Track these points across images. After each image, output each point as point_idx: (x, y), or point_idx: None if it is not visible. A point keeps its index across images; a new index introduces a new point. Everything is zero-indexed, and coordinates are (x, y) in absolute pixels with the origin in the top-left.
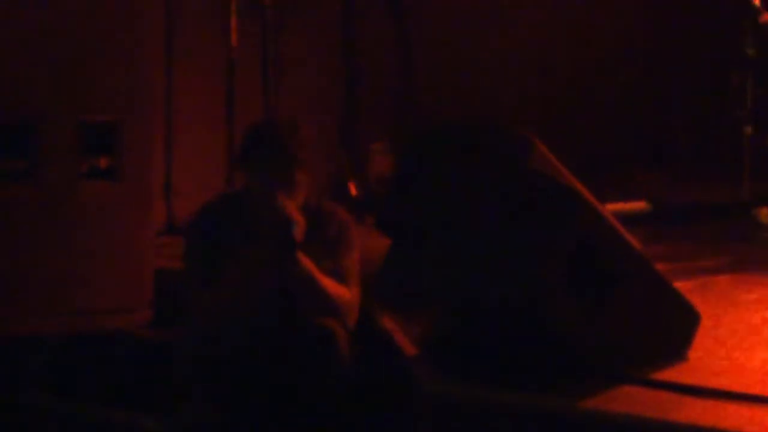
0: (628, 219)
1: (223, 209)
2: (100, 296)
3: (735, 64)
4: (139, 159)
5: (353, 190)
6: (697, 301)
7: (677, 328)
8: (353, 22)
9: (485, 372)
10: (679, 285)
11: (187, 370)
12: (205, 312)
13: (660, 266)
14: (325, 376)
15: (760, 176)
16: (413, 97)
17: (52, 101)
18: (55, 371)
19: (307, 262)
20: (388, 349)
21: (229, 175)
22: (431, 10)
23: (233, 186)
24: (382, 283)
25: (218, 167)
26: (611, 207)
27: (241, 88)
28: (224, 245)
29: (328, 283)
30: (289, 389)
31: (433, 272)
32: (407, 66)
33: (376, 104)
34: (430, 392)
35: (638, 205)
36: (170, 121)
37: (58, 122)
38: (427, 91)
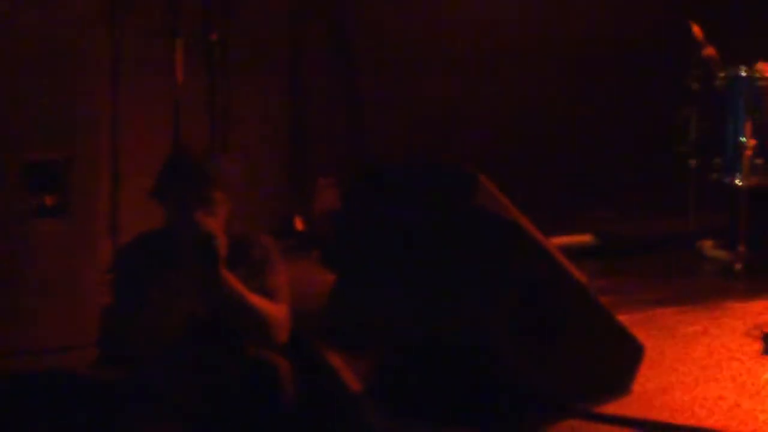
0: (574, 253)
1: (145, 244)
2: (45, 334)
3: (680, 97)
4: (85, 197)
5: (299, 225)
6: (641, 334)
7: (622, 361)
8: (301, 58)
9: (432, 409)
10: (624, 318)
11: (131, 408)
12: (138, 344)
13: (605, 299)
14: (269, 412)
15: (705, 209)
16: (360, 132)
17: None
18: None
19: (231, 278)
20: (333, 386)
21: None
22: (379, 44)
23: None
24: (328, 319)
25: None
26: (557, 241)
27: (187, 124)
28: (149, 277)
29: (256, 299)
30: (232, 425)
31: (378, 309)
32: (354, 100)
33: (323, 139)
34: (376, 430)
35: (584, 239)
36: (116, 158)
37: (3, 161)
38: (375, 125)
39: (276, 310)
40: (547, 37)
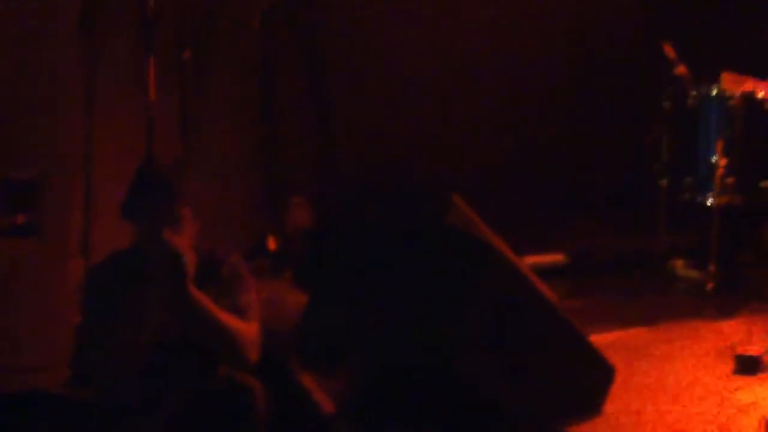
0: (546, 272)
1: (115, 263)
2: (16, 354)
3: (652, 116)
4: (57, 216)
5: (272, 244)
6: (612, 354)
7: (593, 381)
8: (273, 77)
9: (403, 429)
10: (595, 338)
11: (103, 428)
12: (108, 364)
13: (576, 319)
14: None
15: (676, 228)
16: (333, 149)
17: None
18: None
19: (200, 296)
20: (305, 406)
21: None
22: (352, 63)
23: None
24: (300, 339)
25: None
26: (529, 260)
27: (160, 144)
28: (119, 297)
29: (226, 317)
30: None
31: (351, 328)
32: (326, 119)
33: (295, 158)
34: None
35: (556, 258)
36: (89, 177)
37: None
38: (348, 144)
39: (246, 329)
40: (518, 57)
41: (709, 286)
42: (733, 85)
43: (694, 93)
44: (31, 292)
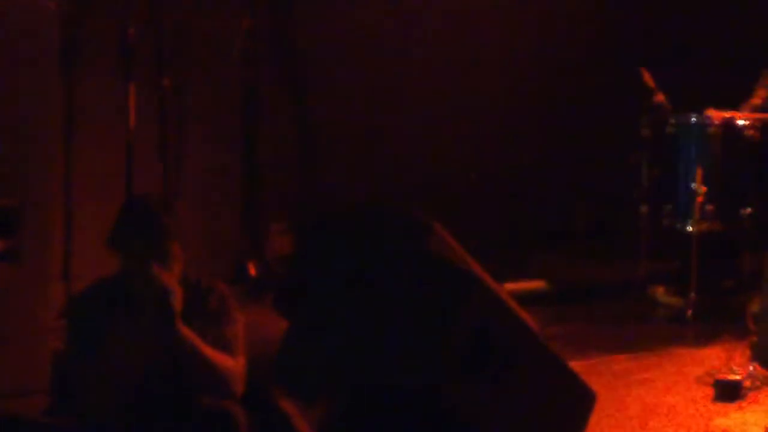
0: (526, 298)
1: (100, 291)
2: None
3: (631, 144)
4: (38, 242)
5: (252, 271)
6: (593, 381)
7: (573, 408)
8: (253, 102)
9: None
10: (576, 365)
11: None
12: (91, 394)
13: (557, 346)
14: None
15: (657, 255)
16: (314, 177)
17: None
18: None
19: (188, 333)
20: None
21: None
22: (332, 89)
23: None
24: (280, 366)
25: None
26: (510, 286)
27: (140, 170)
28: (104, 326)
29: (212, 353)
30: None
31: (331, 355)
32: (308, 145)
33: (276, 185)
34: None
35: (536, 285)
36: (69, 202)
37: None
38: (327, 171)
39: (233, 364)
40: (499, 85)
41: (689, 312)
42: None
43: (672, 120)
44: (11, 318)
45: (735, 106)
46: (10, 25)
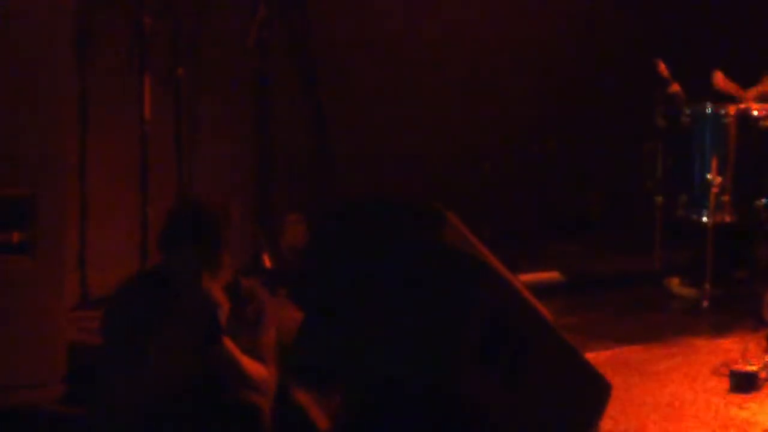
0: (541, 290)
1: (142, 288)
2: (12, 371)
3: (646, 134)
4: (52, 233)
5: (267, 262)
6: (608, 372)
7: (589, 399)
8: (267, 93)
9: None
10: (591, 356)
11: None
12: (123, 393)
13: (572, 337)
14: None
15: (672, 246)
16: (328, 167)
17: None
18: None
19: (230, 346)
20: (302, 424)
21: (144, 248)
22: (345, 78)
23: (148, 260)
24: (296, 356)
25: (132, 239)
26: (524, 278)
27: (154, 160)
28: (144, 326)
29: (248, 363)
30: None
31: (346, 346)
32: (322, 136)
33: (290, 175)
34: None
35: (551, 276)
36: (84, 192)
37: None
38: (342, 161)
39: (266, 375)
40: (515, 77)
41: (705, 303)
42: (723, 84)
43: (687, 111)
44: (27, 309)
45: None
46: (24, 14)
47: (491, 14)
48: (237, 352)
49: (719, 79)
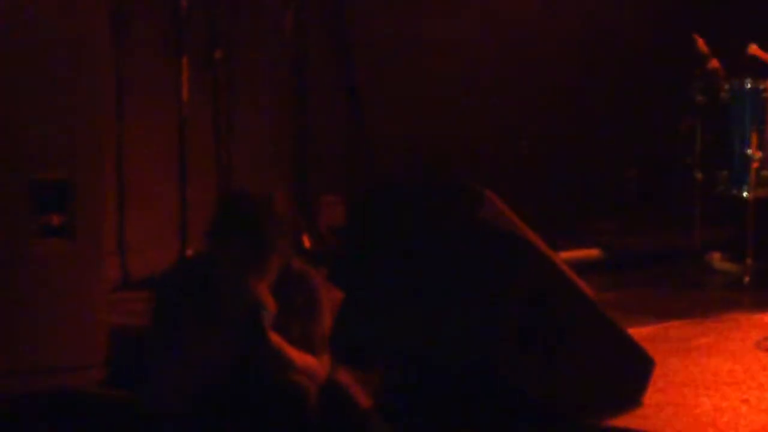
0: (581, 267)
1: (188, 277)
2: (53, 354)
3: (685, 110)
4: (91, 216)
5: (306, 243)
6: (650, 347)
7: (632, 374)
8: (304, 75)
9: (440, 424)
10: (633, 332)
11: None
12: (168, 378)
13: (614, 313)
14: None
15: (712, 222)
16: (365, 148)
17: (2, 160)
18: (7, 430)
19: (276, 340)
20: (343, 402)
21: (183, 230)
22: (383, 59)
23: (187, 242)
24: (337, 336)
25: (171, 222)
26: (564, 255)
27: (192, 142)
28: (189, 315)
29: (297, 355)
30: None
31: (386, 326)
32: (358, 117)
33: (327, 156)
34: None
35: (591, 253)
36: (122, 176)
37: (9, 181)
38: (379, 142)
39: (316, 365)
40: (550, 53)
41: (746, 279)
42: (758, 52)
43: (727, 86)
44: (66, 292)
45: None
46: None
47: None
48: (284, 346)
49: (754, 49)
